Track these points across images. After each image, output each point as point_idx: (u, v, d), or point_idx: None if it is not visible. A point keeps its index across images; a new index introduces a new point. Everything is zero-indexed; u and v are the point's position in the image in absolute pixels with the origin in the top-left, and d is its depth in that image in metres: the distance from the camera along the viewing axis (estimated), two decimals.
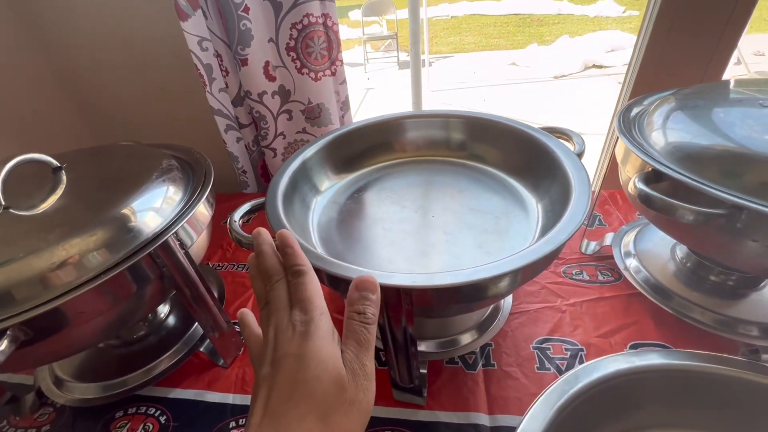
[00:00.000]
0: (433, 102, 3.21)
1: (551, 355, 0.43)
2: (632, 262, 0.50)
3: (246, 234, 0.35)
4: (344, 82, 0.65)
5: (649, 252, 0.51)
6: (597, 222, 0.61)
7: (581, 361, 0.43)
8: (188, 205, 0.38)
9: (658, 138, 0.38)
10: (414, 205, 0.43)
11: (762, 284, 0.45)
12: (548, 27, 5.36)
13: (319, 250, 0.38)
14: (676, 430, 0.31)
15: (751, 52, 3.37)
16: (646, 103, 0.44)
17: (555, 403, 0.27)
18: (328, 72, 0.62)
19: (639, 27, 0.68)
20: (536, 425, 0.26)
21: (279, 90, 0.63)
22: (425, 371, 0.40)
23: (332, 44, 0.60)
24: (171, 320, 0.49)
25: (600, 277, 0.52)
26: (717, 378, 0.30)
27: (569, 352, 0.43)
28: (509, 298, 0.48)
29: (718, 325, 0.43)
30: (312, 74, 0.61)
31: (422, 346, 0.43)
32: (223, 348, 0.45)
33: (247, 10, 0.54)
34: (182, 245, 0.37)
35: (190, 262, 0.38)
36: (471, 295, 0.29)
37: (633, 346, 0.43)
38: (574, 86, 3.30)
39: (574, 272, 0.53)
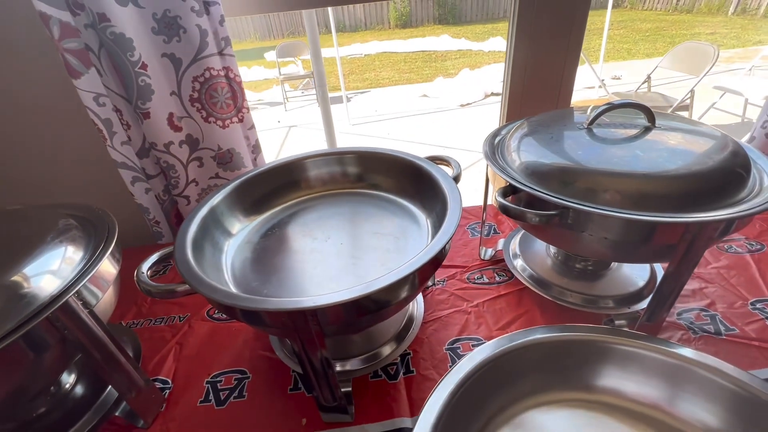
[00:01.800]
0: (354, 133, 3.35)
1: (461, 353, 0.49)
2: (519, 262, 0.59)
3: (155, 284, 0.36)
4: (253, 127, 0.68)
5: (531, 251, 0.60)
6: (492, 231, 0.71)
7: None
8: (90, 263, 0.38)
9: (513, 159, 0.47)
10: (323, 236, 0.47)
11: (612, 265, 0.56)
12: (451, 61, 5.94)
13: (234, 289, 0.40)
14: (552, 391, 0.37)
15: (610, 76, 4.09)
16: (503, 132, 0.54)
17: (448, 389, 0.32)
18: (235, 119, 0.65)
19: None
20: (431, 415, 0.30)
21: (186, 139, 0.64)
22: (350, 389, 0.43)
23: (236, 94, 0.63)
24: (78, 390, 0.46)
25: (497, 278, 0.60)
26: (578, 344, 0.37)
27: (476, 347, 0.49)
28: (421, 308, 0.54)
29: (586, 303, 0.52)
30: (219, 122, 0.64)
31: (347, 365, 0.46)
32: (142, 407, 0.44)
33: (144, 66, 0.55)
34: (86, 305, 0.36)
35: (97, 321, 0.37)
36: (370, 306, 0.34)
37: None
38: (478, 112, 3.69)
39: (476, 277, 0.60)
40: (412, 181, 0.49)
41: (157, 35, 0.55)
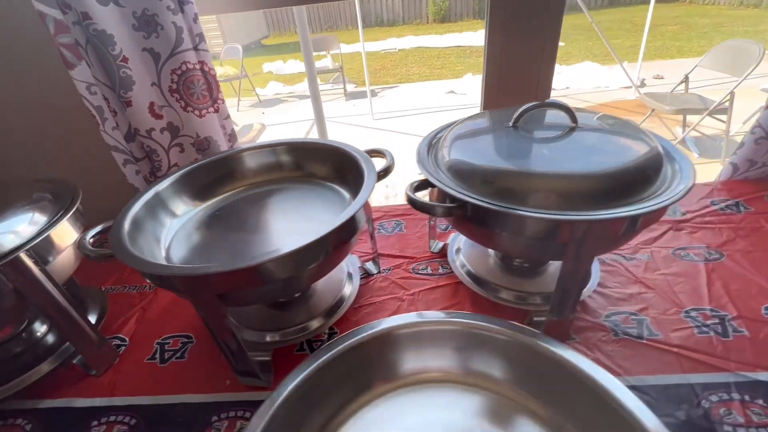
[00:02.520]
0: (376, 128, 3.39)
1: None
2: (459, 257, 0.60)
3: (92, 248, 0.42)
4: (228, 117, 0.73)
5: (473, 248, 0.61)
6: (450, 226, 0.72)
7: None
8: (47, 226, 0.44)
9: (443, 156, 0.49)
10: (258, 222, 0.52)
11: (547, 264, 0.56)
12: None
13: (163, 260, 0.45)
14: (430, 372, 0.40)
15: (652, 75, 3.84)
16: (444, 131, 0.55)
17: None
18: (211, 109, 0.70)
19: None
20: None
21: (168, 126, 0.70)
22: (268, 358, 0.47)
23: (211, 86, 0.69)
24: (48, 338, 0.54)
25: (440, 270, 0.61)
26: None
27: None
28: (355, 289, 0.57)
29: (518, 300, 0.53)
30: (196, 112, 0.69)
31: (267, 337, 0.50)
32: (94, 360, 0.50)
33: (125, 60, 0.62)
34: (39, 262, 0.43)
35: (49, 278, 0.44)
36: (267, 274, 0.37)
37: None
38: None
39: (421, 268, 0.62)
40: (342, 168, 0.53)
41: (137, 31, 0.61)
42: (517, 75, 0.78)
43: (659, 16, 7.18)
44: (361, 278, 0.61)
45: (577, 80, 4.02)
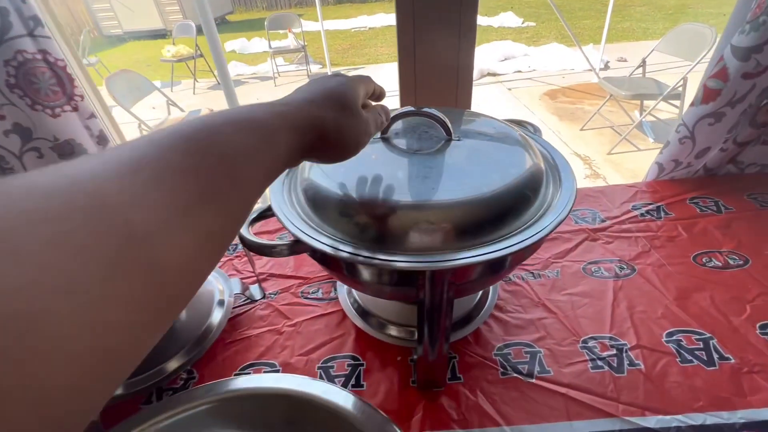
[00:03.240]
0: None
1: None
2: (345, 287, 0.54)
3: None
4: (92, 116, 0.63)
5: None
6: None
7: None
8: None
9: (303, 180, 0.39)
10: None
11: None
12: None
13: None
14: None
15: (616, 58, 3.84)
16: None
17: None
18: (67, 107, 0.59)
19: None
20: None
21: (14, 128, 0.59)
22: (95, 419, 0.40)
23: (62, 80, 0.58)
24: None
25: (332, 294, 0.55)
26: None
27: (266, 374, 0.45)
28: (219, 320, 0.49)
29: (406, 335, 0.47)
30: (48, 110, 0.58)
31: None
32: None
33: None
34: None
35: None
36: None
37: (326, 361, 0.46)
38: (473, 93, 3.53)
39: (311, 291, 0.55)
40: None
41: None
42: (434, 70, 0.71)
43: None
44: (242, 304, 0.54)
45: (544, 62, 3.97)
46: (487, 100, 3.35)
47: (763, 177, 0.70)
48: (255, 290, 0.55)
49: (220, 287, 0.54)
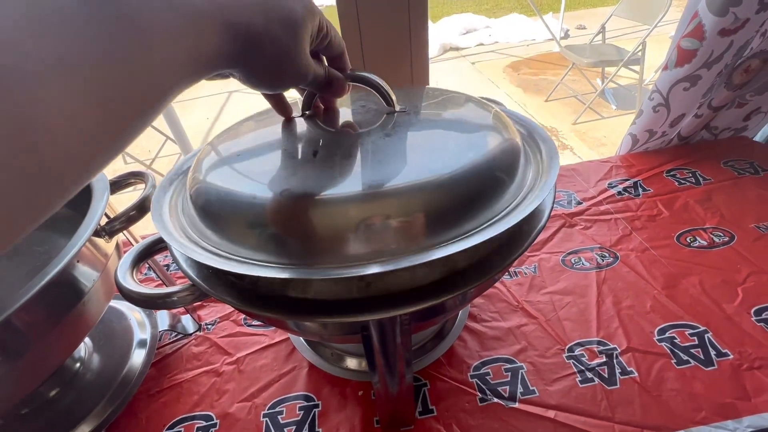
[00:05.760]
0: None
1: None
2: None
3: None
4: None
5: None
6: None
7: None
8: None
9: (193, 194, 0.29)
10: None
11: None
12: None
13: None
14: None
15: (575, 26, 3.83)
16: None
17: None
18: None
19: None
20: None
21: None
22: None
23: None
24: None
25: None
26: None
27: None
28: (142, 367, 0.40)
29: (364, 367, 0.40)
30: None
31: None
32: None
33: None
34: None
35: None
36: None
37: (274, 404, 0.38)
38: (435, 69, 3.43)
39: None
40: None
41: None
42: (385, 49, 0.62)
43: None
44: (171, 341, 0.45)
45: (506, 34, 3.91)
46: (452, 75, 3.27)
47: (737, 142, 0.67)
48: (187, 322, 0.46)
49: (141, 321, 0.44)
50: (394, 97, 0.30)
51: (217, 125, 2.79)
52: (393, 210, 0.23)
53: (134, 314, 0.45)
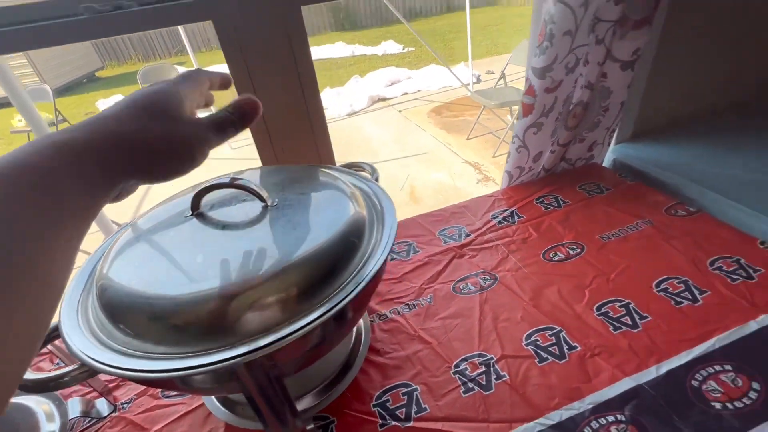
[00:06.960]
0: (235, 158, 3.12)
1: None
2: None
3: None
4: None
5: None
6: None
7: None
8: None
9: (101, 288, 0.33)
10: None
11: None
12: (345, 69, 5.89)
13: None
14: None
15: (485, 72, 4.33)
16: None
17: None
18: None
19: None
20: None
21: None
22: None
23: None
24: None
25: None
26: None
27: None
28: None
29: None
30: None
31: None
32: None
33: None
34: None
35: None
36: None
37: None
38: (366, 119, 3.67)
39: None
40: None
41: None
42: (285, 121, 0.70)
43: (486, 18, 8.24)
44: (84, 428, 0.45)
45: (427, 82, 4.31)
46: (381, 123, 3.51)
47: (589, 168, 0.82)
48: (102, 405, 0.47)
49: (50, 413, 0.44)
50: (265, 194, 0.36)
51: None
52: (260, 294, 0.29)
53: (42, 407, 0.45)
